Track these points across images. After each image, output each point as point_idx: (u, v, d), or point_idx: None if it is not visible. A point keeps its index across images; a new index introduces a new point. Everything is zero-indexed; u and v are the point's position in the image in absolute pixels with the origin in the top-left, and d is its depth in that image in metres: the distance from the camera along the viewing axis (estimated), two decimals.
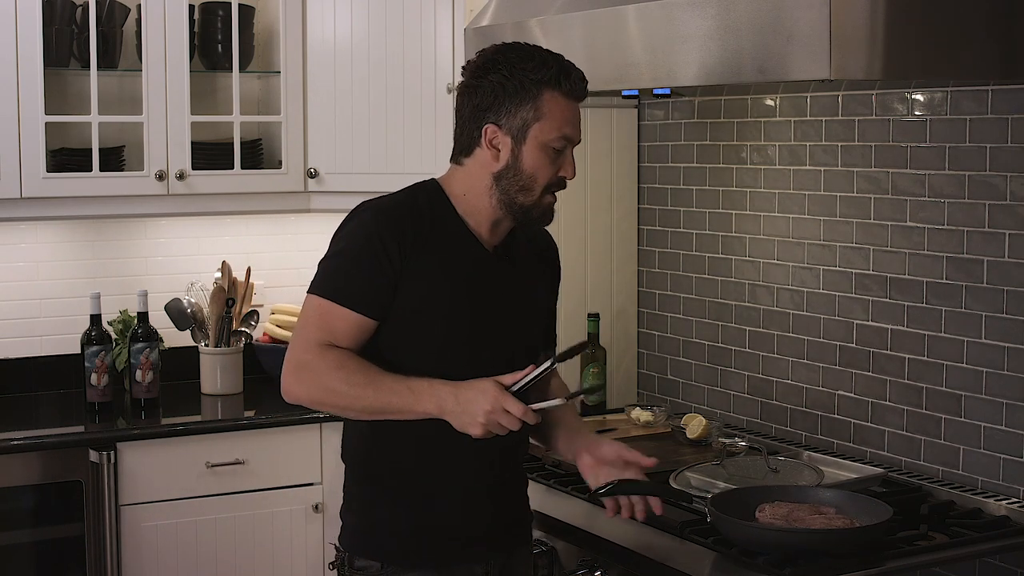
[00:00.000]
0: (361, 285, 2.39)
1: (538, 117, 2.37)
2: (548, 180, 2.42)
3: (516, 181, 2.41)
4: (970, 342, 2.91)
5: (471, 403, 2.29)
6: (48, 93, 3.80)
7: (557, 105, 2.37)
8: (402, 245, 2.39)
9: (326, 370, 2.36)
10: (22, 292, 4.15)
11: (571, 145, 2.42)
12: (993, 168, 2.84)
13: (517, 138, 2.39)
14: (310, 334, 2.39)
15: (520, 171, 2.41)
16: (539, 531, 2.85)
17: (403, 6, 4.00)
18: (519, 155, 2.40)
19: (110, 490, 3.63)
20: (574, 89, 2.39)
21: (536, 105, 2.37)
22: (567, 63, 2.41)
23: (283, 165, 4.11)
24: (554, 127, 2.38)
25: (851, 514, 2.57)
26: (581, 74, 2.42)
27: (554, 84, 2.37)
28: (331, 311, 2.39)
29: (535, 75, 2.37)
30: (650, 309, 3.83)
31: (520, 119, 2.38)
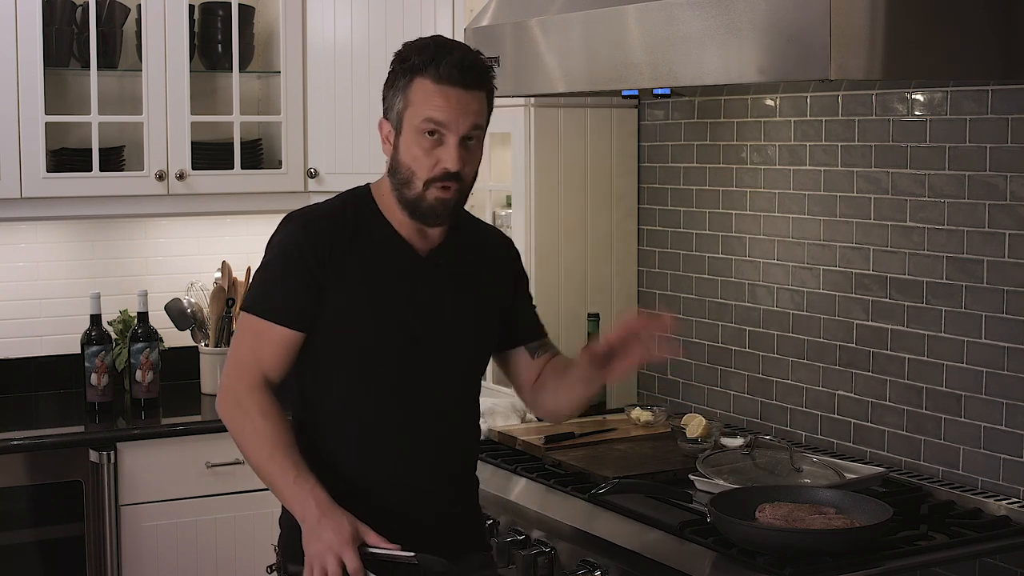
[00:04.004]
0: (285, 299, 2.40)
1: (407, 104, 2.34)
2: (428, 173, 2.34)
3: (398, 174, 2.38)
4: (970, 342, 2.91)
5: (324, 531, 2.26)
6: (48, 93, 3.81)
7: (424, 90, 2.32)
8: (321, 256, 2.38)
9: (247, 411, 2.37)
10: (22, 292, 4.15)
11: (449, 132, 2.32)
12: (993, 168, 2.84)
13: (396, 129, 2.37)
14: (244, 356, 2.41)
15: (400, 162, 2.37)
16: (539, 531, 2.85)
17: (403, 6, 4.00)
18: (398, 146, 2.37)
19: (110, 490, 3.64)
20: (444, 74, 2.31)
21: (406, 93, 2.34)
22: (452, 49, 2.34)
23: (283, 165, 4.11)
24: (419, 112, 2.32)
25: (851, 514, 2.57)
26: (464, 60, 2.33)
27: (423, 70, 2.32)
28: (259, 327, 2.41)
29: (409, 63, 2.34)
30: (650, 309, 3.83)
31: (396, 109, 2.36)
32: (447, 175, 2.34)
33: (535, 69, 3.06)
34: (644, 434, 3.40)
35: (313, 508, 2.29)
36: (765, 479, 2.88)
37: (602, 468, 3.06)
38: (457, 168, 2.34)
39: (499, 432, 3.40)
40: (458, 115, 2.32)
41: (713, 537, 2.57)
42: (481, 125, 2.37)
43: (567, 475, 3.08)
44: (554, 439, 3.28)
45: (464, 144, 2.34)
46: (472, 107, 2.34)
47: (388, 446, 2.44)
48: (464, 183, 2.37)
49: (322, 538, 2.26)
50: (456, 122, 2.32)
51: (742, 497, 2.66)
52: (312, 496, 2.30)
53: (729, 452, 3.05)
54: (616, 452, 3.25)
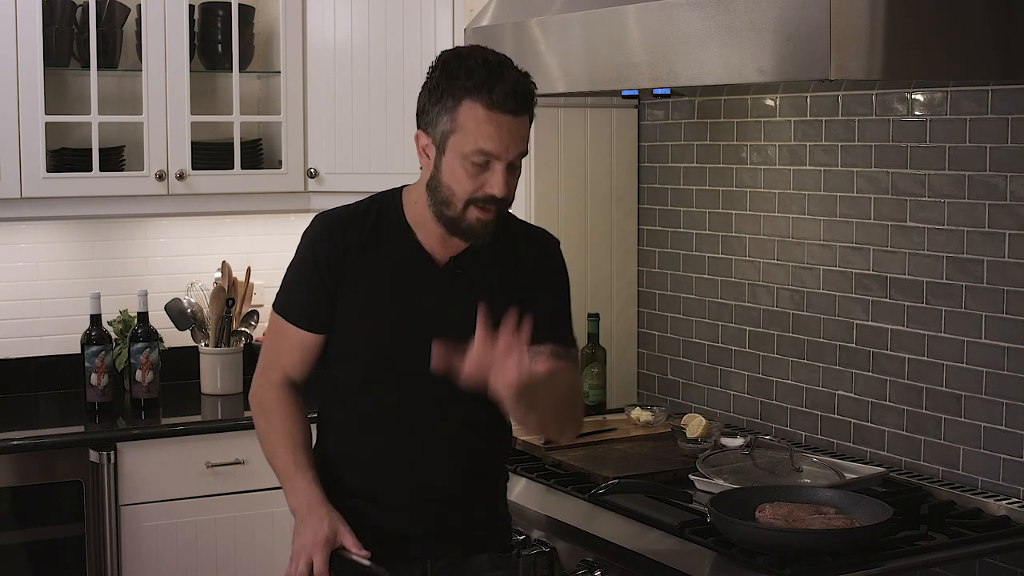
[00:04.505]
0: (301, 301, 2.47)
1: (454, 128, 2.27)
2: (469, 195, 2.29)
3: (439, 192, 2.32)
4: (970, 342, 2.91)
5: (305, 529, 2.34)
6: (48, 93, 3.81)
7: (475, 117, 2.25)
8: (335, 259, 2.40)
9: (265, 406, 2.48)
10: (22, 292, 4.15)
11: (497, 160, 2.27)
12: (993, 168, 2.84)
13: (439, 148, 2.30)
14: (268, 355, 2.53)
15: (440, 182, 2.32)
16: (539, 531, 2.85)
17: (403, 6, 4.00)
18: (440, 165, 2.31)
19: (110, 490, 3.63)
20: (496, 101, 2.24)
21: (454, 116, 2.26)
22: (504, 72, 2.27)
23: (283, 165, 4.11)
24: (469, 140, 2.26)
25: (851, 514, 2.57)
26: (516, 86, 2.27)
27: (475, 94, 2.24)
28: (281, 326, 2.49)
29: (459, 82, 2.25)
30: (650, 309, 3.83)
31: (440, 129, 2.29)
32: (492, 199, 2.30)
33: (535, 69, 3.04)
34: (644, 434, 3.40)
35: (303, 505, 2.37)
36: (765, 479, 2.88)
37: (602, 468, 3.06)
38: (504, 194, 2.30)
39: None
40: (508, 144, 2.27)
41: (713, 537, 2.57)
42: (526, 151, 2.33)
43: (567, 475, 3.09)
44: None
45: (510, 168, 2.31)
46: (521, 133, 2.30)
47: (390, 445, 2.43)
48: (505, 202, 2.33)
49: (301, 536, 2.34)
50: (507, 151, 2.28)
51: (742, 497, 2.66)
52: (304, 493, 2.38)
53: (729, 452, 3.05)
54: (616, 452, 3.25)
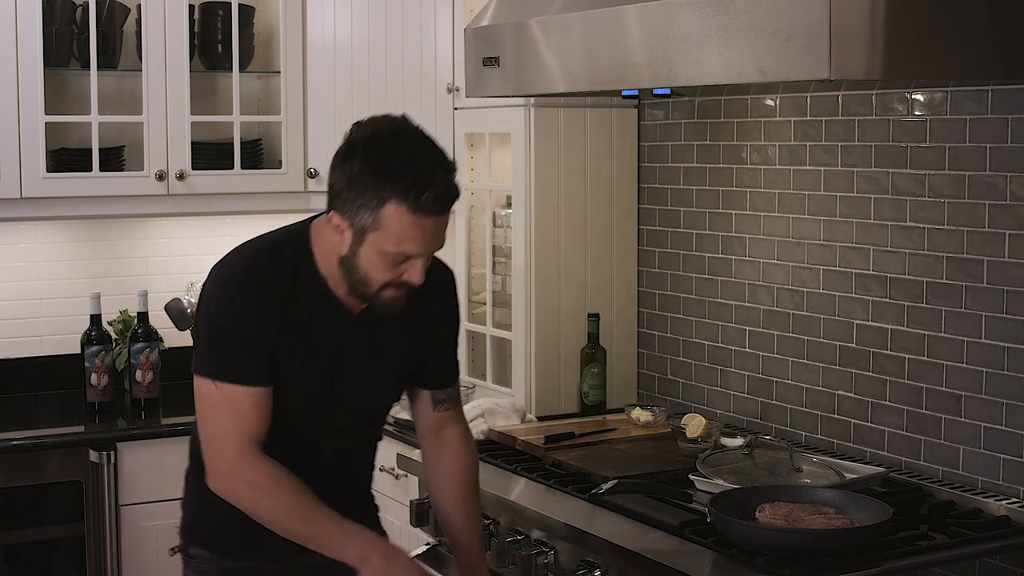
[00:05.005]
0: (249, 358, 2.32)
1: (376, 226, 2.22)
2: (385, 281, 2.29)
3: (354, 273, 2.29)
4: (970, 342, 2.91)
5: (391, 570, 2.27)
6: (48, 93, 3.81)
7: (400, 221, 2.20)
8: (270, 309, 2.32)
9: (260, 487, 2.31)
10: (22, 292, 4.16)
11: (419, 256, 2.25)
12: (993, 168, 2.84)
13: (356, 236, 2.25)
14: (227, 429, 2.32)
15: (356, 266, 2.28)
16: (539, 531, 2.85)
17: (403, 6, 4.00)
18: (357, 252, 2.27)
19: (110, 490, 3.64)
20: (423, 206, 2.19)
21: (376, 214, 2.21)
22: (432, 174, 2.20)
23: (283, 165, 4.11)
24: (391, 242, 2.22)
25: (851, 514, 2.57)
26: (443, 190, 2.21)
27: (401, 198, 2.18)
28: (232, 394, 2.31)
29: (385, 184, 2.19)
30: (650, 309, 3.83)
31: (360, 221, 2.23)
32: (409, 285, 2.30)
33: (535, 69, 3.06)
34: (644, 434, 3.40)
35: (376, 552, 2.29)
36: (765, 479, 2.88)
37: (602, 468, 3.06)
38: (420, 282, 2.30)
39: (499, 432, 3.40)
40: (431, 244, 2.26)
41: (713, 537, 2.57)
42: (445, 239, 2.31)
43: (567, 475, 3.09)
44: (554, 439, 3.28)
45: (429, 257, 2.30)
46: (443, 228, 2.27)
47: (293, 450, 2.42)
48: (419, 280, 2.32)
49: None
50: (428, 248, 2.26)
51: (742, 497, 2.66)
52: (368, 541, 2.30)
53: (729, 452, 3.05)
54: (616, 452, 3.25)
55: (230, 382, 2.31)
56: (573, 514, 2.84)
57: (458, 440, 2.59)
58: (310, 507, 2.29)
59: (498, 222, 3.85)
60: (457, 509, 2.56)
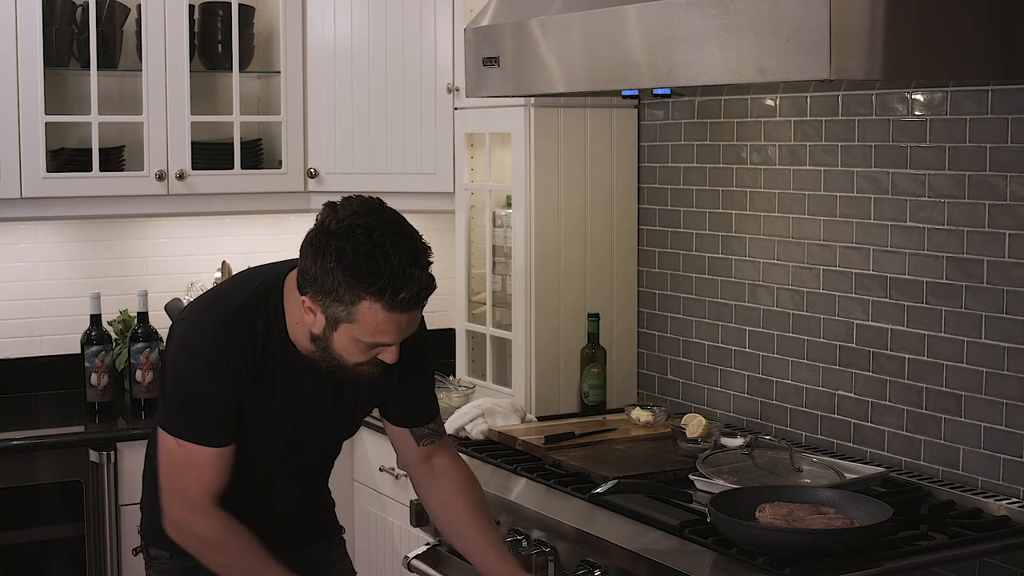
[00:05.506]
0: (213, 421, 2.36)
1: (350, 319, 2.24)
2: (359, 362, 2.31)
3: (328, 353, 2.32)
4: (970, 342, 2.91)
5: None
6: (48, 93, 3.81)
7: (375, 317, 2.23)
8: (238, 371, 2.34)
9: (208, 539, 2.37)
10: (22, 292, 4.15)
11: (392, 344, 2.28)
12: (993, 168, 2.84)
13: (329, 324, 2.27)
14: (186, 486, 2.37)
15: (330, 348, 2.30)
16: (539, 531, 2.85)
17: (403, 6, 4.00)
18: (329, 336, 2.29)
19: (110, 490, 3.64)
20: (398, 305, 2.21)
21: (351, 311, 2.23)
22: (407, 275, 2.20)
23: (283, 165, 4.11)
24: (366, 334, 2.25)
25: (851, 514, 2.57)
26: (418, 289, 2.22)
27: (376, 298, 2.21)
28: (194, 453, 2.36)
29: (359, 284, 2.20)
30: (650, 309, 3.83)
31: (333, 313, 2.25)
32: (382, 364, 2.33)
33: (535, 69, 3.06)
34: (644, 434, 3.40)
35: None
36: (765, 479, 2.88)
37: (602, 468, 3.06)
38: (395, 361, 2.32)
39: (499, 432, 3.40)
40: (405, 332, 2.28)
41: (713, 537, 2.57)
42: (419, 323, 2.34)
43: (567, 475, 3.09)
44: (554, 439, 3.28)
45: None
46: (416, 319, 2.30)
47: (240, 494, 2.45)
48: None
49: None
50: (401, 337, 2.29)
51: (742, 497, 2.66)
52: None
53: (729, 452, 3.05)
54: (616, 452, 3.25)
55: (195, 443, 2.36)
56: (573, 514, 2.84)
57: (451, 463, 2.60)
58: (259, 566, 2.35)
59: (498, 222, 3.85)
60: (472, 524, 2.54)
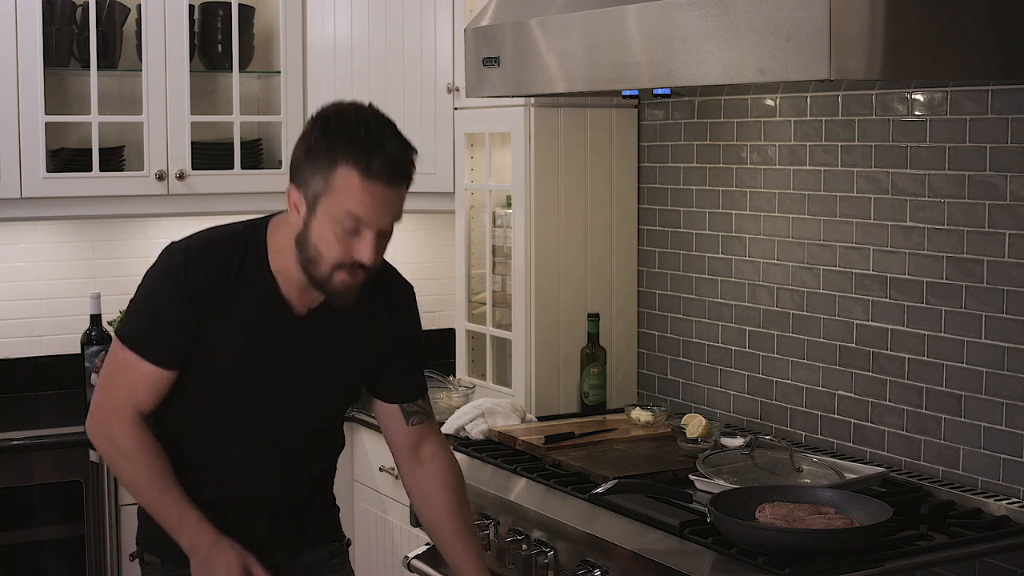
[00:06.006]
0: (160, 338, 2.36)
1: (327, 190, 2.23)
2: (336, 260, 2.27)
3: (306, 251, 2.29)
4: (970, 342, 2.91)
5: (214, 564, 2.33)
6: (48, 93, 3.81)
7: (349, 184, 2.21)
8: (201, 296, 2.33)
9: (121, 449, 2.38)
10: (22, 292, 4.15)
11: (368, 227, 2.25)
12: (993, 168, 2.84)
13: (310, 207, 2.26)
14: (117, 390, 2.39)
15: (309, 241, 2.28)
16: (539, 531, 2.85)
17: (403, 6, 4.00)
18: (310, 224, 2.27)
19: (110, 490, 3.64)
20: (373, 171, 2.20)
21: (328, 178, 2.22)
22: (385, 141, 2.23)
23: (283, 165, 4.11)
24: (341, 204, 2.22)
25: (851, 514, 2.57)
26: (396, 158, 2.23)
27: (352, 161, 2.20)
28: (134, 363, 2.36)
29: (337, 146, 2.21)
30: (650, 309, 3.83)
31: (313, 188, 2.25)
32: (359, 265, 2.29)
33: (535, 69, 3.06)
34: (644, 434, 3.40)
35: (203, 542, 2.34)
36: (765, 479, 2.88)
37: (602, 468, 3.06)
38: (371, 261, 2.28)
39: (499, 432, 3.40)
40: (380, 213, 2.25)
41: (713, 537, 2.57)
42: (399, 218, 2.31)
43: (567, 475, 3.08)
44: (554, 439, 3.28)
45: (380, 235, 2.28)
46: (395, 204, 2.27)
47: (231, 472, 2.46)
48: (373, 266, 2.31)
49: (213, 571, 2.33)
50: (378, 219, 2.25)
51: (742, 497, 2.66)
52: (199, 531, 2.35)
53: (729, 452, 3.05)
54: (616, 452, 3.25)
55: (136, 353, 2.36)
56: (573, 514, 2.84)
57: (439, 452, 2.57)
58: (161, 485, 2.36)
59: (498, 222, 3.85)
60: (449, 524, 2.53)
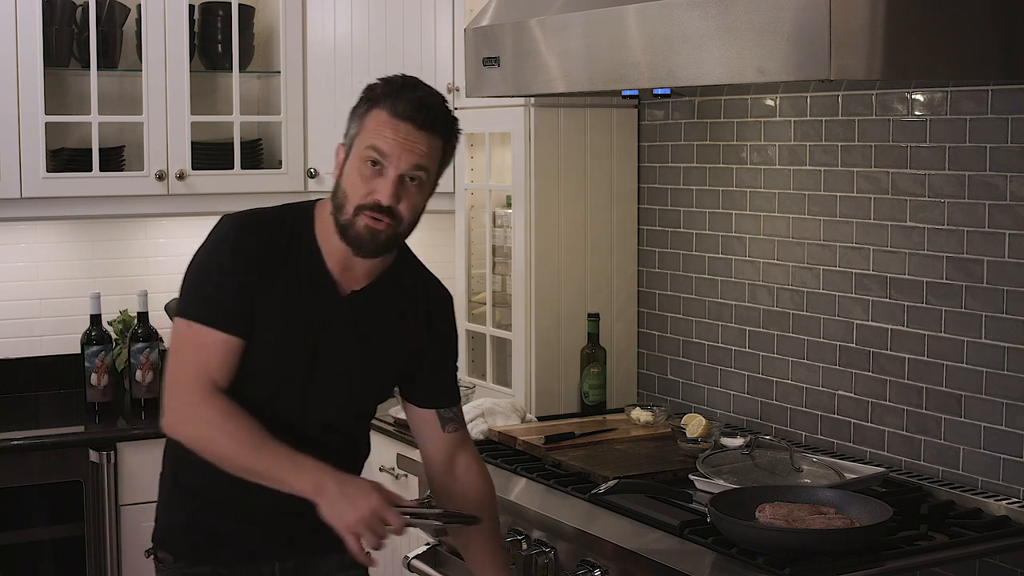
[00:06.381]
0: (224, 303, 2.34)
1: (359, 132, 2.31)
2: (360, 199, 2.29)
3: (336, 197, 2.34)
4: (970, 342, 2.91)
5: (353, 497, 2.22)
6: (48, 93, 3.81)
7: (378, 120, 2.29)
8: (253, 262, 2.34)
9: (212, 421, 2.30)
10: (22, 292, 4.16)
11: (390, 166, 2.28)
12: (993, 168, 2.84)
13: (347, 152, 2.34)
14: (188, 368, 2.33)
15: (339, 186, 2.34)
16: (539, 531, 2.85)
17: (403, 6, 4.00)
18: (343, 171, 2.34)
19: (110, 490, 3.64)
20: (399, 109, 2.28)
21: (362, 120, 2.32)
22: (417, 88, 2.32)
23: (283, 165, 4.11)
24: (366, 139, 2.28)
25: (851, 514, 2.57)
26: (424, 100, 2.31)
27: (383, 101, 2.29)
28: (200, 335, 2.33)
29: (374, 92, 2.32)
30: (650, 309, 3.83)
31: (350, 135, 2.34)
32: (378, 207, 2.29)
33: (535, 69, 3.06)
34: (644, 434, 3.40)
35: (328, 482, 2.25)
36: (765, 479, 2.88)
37: (602, 468, 3.06)
38: (389, 203, 2.28)
39: (499, 432, 3.40)
40: (402, 150, 2.27)
41: (713, 537, 2.57)
42: (425, 168, 2.30)
43: (567, 475, 3.09)
44: (554, 439, 3.28)
45: (403, 181, 2.29)
46: (419, 147, 2.28)
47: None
48: (398, 221, 2.31)
49: (357, 505, 2.21)
50: (399, 156, 2.27)
51: (742, 497, 2.66)
52: (320, 471, 2.26)
53: (729, 452, 3.05)
54: (616, 452, 3.25)
55: (201, 323, 2.33)
56: (573, 514, 2.84)
57: (473, 466, 2.54)
58: (263, 441, 2.28)
59: (498, 222, 3.85)
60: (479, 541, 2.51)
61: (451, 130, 2.35)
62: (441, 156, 2.34)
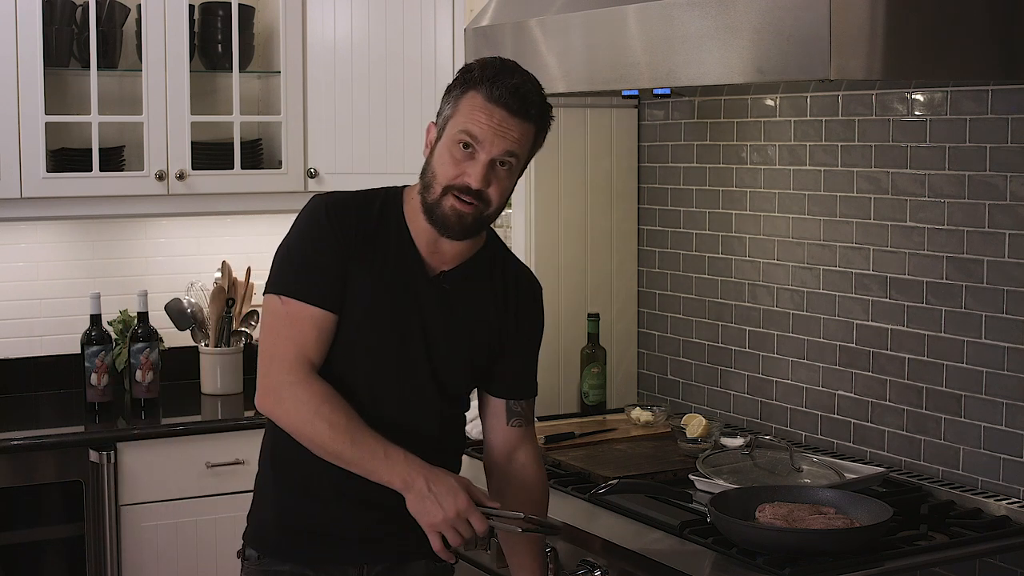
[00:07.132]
0: (317, 278, 2.35)
1: (453, 114, 2.33)
2: (449, 180, 2.31)
3: (425, 176, 2.36)
4: (970, 342, 2.91)
5: (440, 496, 2.24)
6: (48, 93, 3.81)
7: (472, 104, 2.30)
8: (347, 237, 2.36)
9: (308, 403, 2.31)
10: (22, 292, 4.15)
11: (481, 150, 2.29)
12: (993, 168, 2.84)
13: (439, 133, 2.36)
14: (285, 346, 2.34)
15: (429, 165, 2.36)
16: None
17: (403, 6, 4.00)
18: (434, 151, 2.36)
19: (110, 490, 3.64)
20: (495, 95, 2.29)
21: (457, 102, 2.33)
22: (514, 73, 2.33)
23: (283, 165, 4.11)
24: (459, 123, 2.30)
25: (851, 514, 2.57)
26: (520, 86, 2.32)
27: (479, 85, 2.30)
28: (294, 310, 2.34)
29: (471, 75, 2.33)
30: (650, 309, 3.83)
31: (444, 116, 2.35)
32: (467, 189, 2.30)
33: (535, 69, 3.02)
34: (644, 434, 3.40)
35: (416, 474, 2.27)
36: (765, 479, 2.88)
37: (602, 468, 3.06)
38: (479, 186, 2.30)
39: None
40: (495, 135, 2.29)
41: (713, 537, 2.57)
42: (516, 154, 2.32)
43: (567, 475, 3.08)
44: (554, 439, 3.28)
45: (494, 165, 2.31)
46: (512, 133, 2.30)
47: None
48: (486, 203, 2.33)
49: (442, 504, 2.24)
50: (491, 141, 2.29)
51: (742, 497, 2.66)
52: (410, 465, 2.28)
53: (729, 452, 3.05)
54: (616, 452, 3.25)
55: (295, 298, 2.34)
56: (573, 514, 2.84)
57: (531, 465, 2.52)
58: (357, 429, 2.29)
59: (498, 222, 3.84)
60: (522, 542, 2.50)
61: (544, 117, 2.38)
62: (532, 142, 2.37)
